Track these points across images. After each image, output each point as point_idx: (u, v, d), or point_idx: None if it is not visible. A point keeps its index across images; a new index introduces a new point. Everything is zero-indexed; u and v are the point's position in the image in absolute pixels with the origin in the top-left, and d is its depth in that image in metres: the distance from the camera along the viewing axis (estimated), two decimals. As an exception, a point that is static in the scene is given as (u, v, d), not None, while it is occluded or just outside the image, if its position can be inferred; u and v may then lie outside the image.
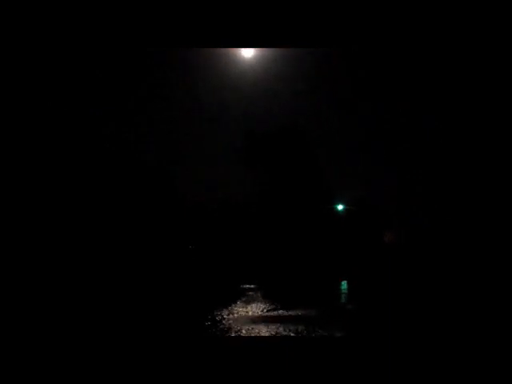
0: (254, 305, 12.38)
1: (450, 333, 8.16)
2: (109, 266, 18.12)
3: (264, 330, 8.57)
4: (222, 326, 9.07)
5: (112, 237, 20.39)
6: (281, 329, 8.66)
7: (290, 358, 6.39)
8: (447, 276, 17.31)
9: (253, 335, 8.22)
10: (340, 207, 29.76)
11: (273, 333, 8.36)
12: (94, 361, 6.23)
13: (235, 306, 12.02)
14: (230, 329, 8.79)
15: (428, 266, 19.84)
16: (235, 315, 10.56)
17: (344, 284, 19.22)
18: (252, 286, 17.57)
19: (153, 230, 23.56)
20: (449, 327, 8.67)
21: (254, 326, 8.98)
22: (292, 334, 8.24)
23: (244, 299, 13.70)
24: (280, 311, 11.16)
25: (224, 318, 10.04)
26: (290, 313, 10.87)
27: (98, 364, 6.10)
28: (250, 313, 10.98)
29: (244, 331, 8.53)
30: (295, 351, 6.90)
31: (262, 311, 11.24)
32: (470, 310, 10.41)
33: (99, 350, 6.81)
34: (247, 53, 21.30)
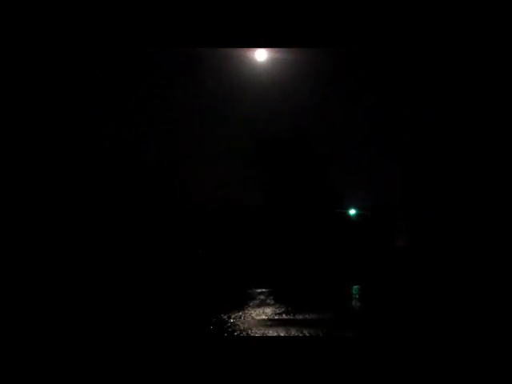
0: (265, 308, 12.30)
1: (464, 334, 7.98)
2: (112, 267, 18.17)
3: (275, 333, 8.43)
4: (232, 329, 8.97)
5: (114, 238, 20.46)
6: (292, 332, 8.51)
7: (299, 359, 6.33)
8: (460, 279, 17.00)
9: (262, 336, 8.13)
10: (352, 211, 29.50)
11: (285, 336, 8.22)
12: (103, 362, 6.22)
13: (246, 310, 11.95)
14: (240, 331, 8.68)
15: (440, 270, 19.53)
16: (246, 318, 10.49)
17: (356, 288, 18.97)
18: (263, 290, 17.43)
19: (158, 231, 23.60)
20: (462, 329, 8.48)
21: (264, 329, 8.88)
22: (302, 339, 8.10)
23: (255, 302, 13.64)
24: (291, 315, 11.06)
25: (235, 321, 9.95)
26: (301, 316, 10.75)
27: (106, 365, 6.09)
28: (262, 316, 10.89)
29: (257, 334, 8.42)
30: (304, 352, 6.82)
31: (273, 315, 11.13)
32: (482, 311, 10.23)
33: (107, 352, 6.81)
34: (260, 56, 21.15)
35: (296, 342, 7.76)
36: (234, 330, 8.80)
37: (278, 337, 8.09)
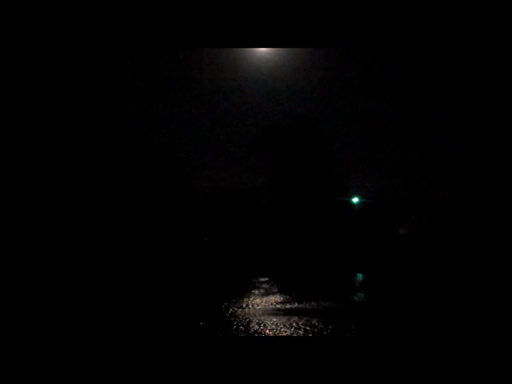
0: (268, 297, 12.49)
1: (470, 327, 8.12)
2: (116, 258, 18.51)
3: (279, 323, 8.69)
4: (236, 318, 9.24)
5: (120, 228, 20.79)
6: (296, 322, 8.77)
7: (304, 358, 6.43)
8: (464, 268, 17.17)
9: (267, 330, 8.32)
10: (356, 199, 29.67)
11: (288, 325, 8.47)
12: (102, 358, 6.31)
13: (250, 299, 12.16)
14: (244, 321, 8.95)
15: (443, 259, 19.69)
16: (250, 307, 10.71)
17: (360, 276, 19.20)
18: (267, 279, 17.68)
19: (164, 222, 23.88)
20: (468, 322, 8.62)
21: (269, 319, 9.13)
22: (309, 328, 8.34)
23: (259, 292, 13.83)
24: (295, 304, 11.26)
25: (238, 311, 10.21)
26: (305, 306, 10.98)
27: (105, 362, 6.17)
28: (265, 305, 11.09)
29: (259, 323, 8.69)
30: (309, 351, 6.93)
31: (276, 304, 11.35)
32: (488, 303, 10.39)
33: (107, 346, 6.93)
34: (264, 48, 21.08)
35: (299, 341, 7.78)
36: (236, 320, 9.03)
37: (282, 336, 8.19)
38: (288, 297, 12.39)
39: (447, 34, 10.12)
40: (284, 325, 8.57)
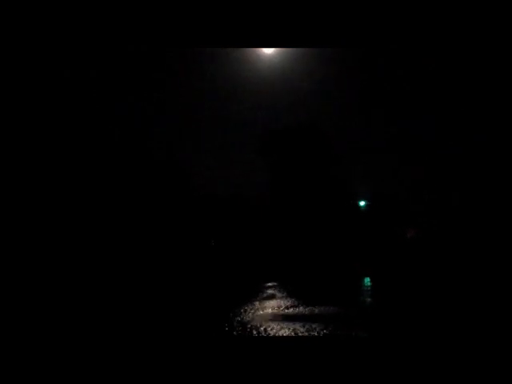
0: (274, 302, 12.35)
1: (480, 328, 7.95)
2: (122, 260, 18.53)
3: (285, 328, 8.56)
4: (239, 323, 9.10)
5: (126, 231, 20.82)
6: (302, 327, 8.62)
7: (310, 359, 6.32)
8: (471, 270, 16.94)
9: (272, 335, 8.15)
10: (362, 203, 29.55)
11: (294, 330, 8.34)
12: (107, 359, 6.31)
13: (256, 303, 12.02)
14: (250, 326, 8.81)
15: (450, 261, 19.48)
16: (256, 312, 10.57)
17: (367, 280, 19.00)
18: (273, 284, 17.56)
19: (169, 225, 23.90)
20: (478, 323, 8.45)
21: (274, 324, 8.97)
22: (315, 334, 8.20)
23: (264, 296, 13.69)
24: (301, 308, 11.08)
25: (245, 314, 10.08)
26: (311, 310, 10.78)
27: (109, 363, 6.17)
28: (271, 310, 10.95)
29: (264, 328, 8.55)
30: (315, 352, 6.81)
31: (283, 308, 11.19)
32: (497, 303, 10.21)
33: (113, 347, 6.95)
34: (267, 49, 21.29)
35: (303, 342, 7.69)
36: (241, 324, 8.89)
37: (285, 337, 8.08)
38: (296, 301, 12.22)
39: (447, 33, 10.11)
40: (289, 329, 8.44)
